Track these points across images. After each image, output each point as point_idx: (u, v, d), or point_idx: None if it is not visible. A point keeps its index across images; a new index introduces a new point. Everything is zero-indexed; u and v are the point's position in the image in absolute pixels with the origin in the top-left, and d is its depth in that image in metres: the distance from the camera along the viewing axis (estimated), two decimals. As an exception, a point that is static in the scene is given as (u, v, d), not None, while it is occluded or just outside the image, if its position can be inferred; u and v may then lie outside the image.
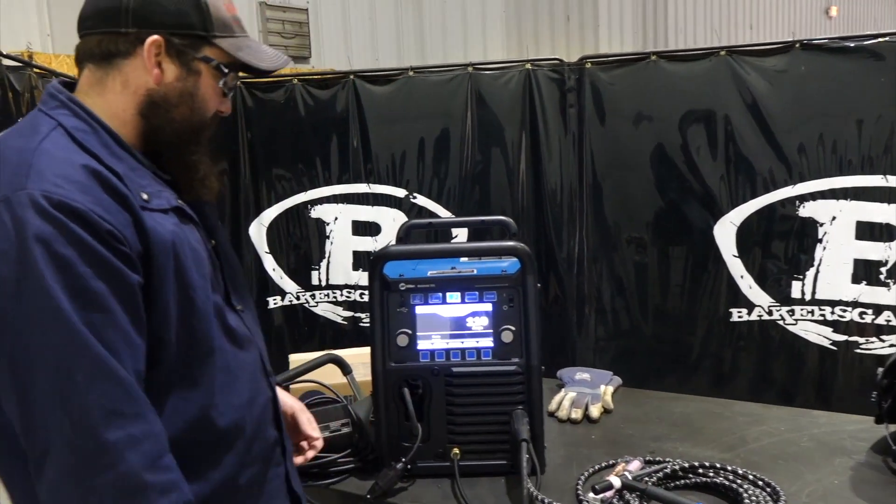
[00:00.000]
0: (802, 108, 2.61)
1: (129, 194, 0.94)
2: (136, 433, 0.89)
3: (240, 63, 1.06)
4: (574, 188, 2.96)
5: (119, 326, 0.90)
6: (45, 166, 0.90)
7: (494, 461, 1.44)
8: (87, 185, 0.91)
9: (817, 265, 2.66)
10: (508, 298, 1.44)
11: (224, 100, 1.09)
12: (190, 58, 1.03)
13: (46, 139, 0.95)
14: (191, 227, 1.04)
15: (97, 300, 0.88)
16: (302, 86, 3.14)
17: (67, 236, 0.87)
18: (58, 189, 0.88)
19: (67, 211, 0.87)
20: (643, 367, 2.83)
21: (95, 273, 0.88)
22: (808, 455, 1.47)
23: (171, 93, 1.02)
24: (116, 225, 0.91)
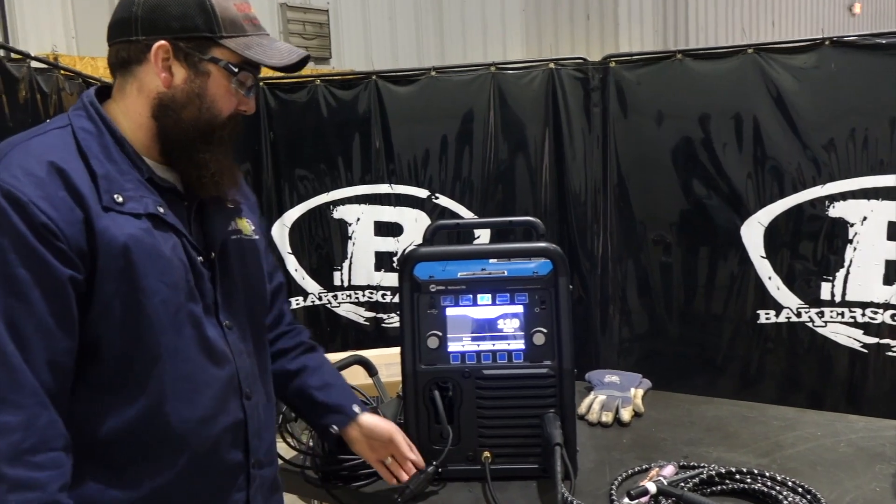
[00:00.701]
0: (832, 106, 2.57)
1: (88, 195, 0.97)
2: (9, 421, 0.89)
3: (250, 61, 1.06)
4: (598, 188, 2.94)
5: (35, 316, 0.92)
6: (15, 159, 0.96)
7: (526, 465, 1.42)
8: (45, 180, 0.95)
9: (847, 266, 2.62)
10: (540, 300, 1.42)
11: (244, 99, 1.09)
12: (197, 60, 1.04)
13: (41, 136, 1.01)
14: (168, 234, 1.04)
15: (18, 287, 0.91)
16: (324, 86, 3.15)
17: (4, 224, 0.91)
18: (12, 180, 0.93)
19: (12, 200, 0.92)
20: (668, 369, 2.80)
21: (22, 262, 0.91)
22: (847, 461, 1.44)
23: (179, 95, 1.05)
24: (58, 220, 0.94)
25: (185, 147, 1.06)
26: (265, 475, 1.17)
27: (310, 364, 1.34)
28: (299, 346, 1.35)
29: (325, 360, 1.39)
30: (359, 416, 1.32)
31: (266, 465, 1.18)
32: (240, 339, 1.13)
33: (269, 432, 1.20)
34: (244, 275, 1.17)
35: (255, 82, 1.10)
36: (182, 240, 1.06)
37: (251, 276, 1.19)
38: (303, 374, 1.33)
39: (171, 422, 1.02)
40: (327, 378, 1.35)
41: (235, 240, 1.16)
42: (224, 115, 1.08)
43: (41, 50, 4.05)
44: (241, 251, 1.17)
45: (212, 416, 1.07)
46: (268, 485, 1.19)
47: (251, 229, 1.21)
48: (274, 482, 1.22)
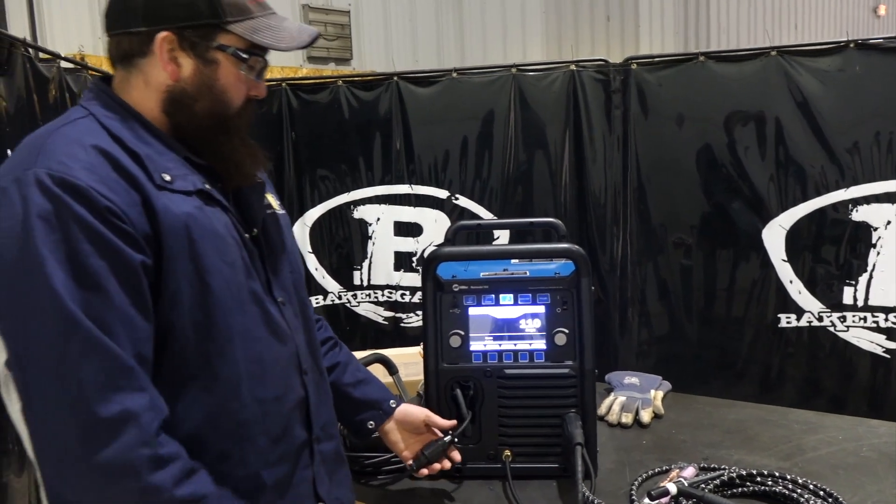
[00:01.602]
0: (856, 110, 2.56)
1: (140, 175, 0.94)
2: (137, 404, 0.88)
3: (259, 46, 1.03)
4: (618, 190, 2.94)
5: (115, 306, 0.88)
6: (55, 147, 0.91)
7: (546, 464, 1.43)
8: (94, 163, 0.91)
9: (870, 271, 2.60)
10: (562, 301, 1.43)
11: (255, 83, 1.06)
12: (204, 48, 1.00)
13: (69, 125, 0.97)
14: (218, 211, 1.02)
15: (94, 278, 0.87)
16: (346, 87, 3.17)
17: (67, 212, 0.86)
18: (60, 167, 0.88)
19: (68, 187, 0.87)
20: (687, 372, 2.79)
21: (95, 250, 0.87)
22: (869, 465, 1.44)
23: (190, 87, 1.01)
24: (119, 203, 0.90)
25: (204, 140, 1.03)
26: (325, 450, 1.15)
27: (341, 360, 1.34)
28: (328, 342, 1.35)
29: (351, 355, 1.40)
30: (395, 410, 1.33)
31: (324, 439, 1.16)
32: (293, 314, 1.12)
33: (327, 406, 1.19)
34: (282, 249, 1.14)
35: (265, 65, 1.07)
36: (230, 217, 1.04)
37: (288, 249, 1.17)
38: (335, 371, 1.32)
39: (247, 404, 1.00)
40: (359, 374, 1.35)
41: (270, 214, 1.15)
42: (237, 103, 1.04)
43: (68, 50, 4.11)
44: (277, 226, 1.16)
45: (283, 395, 1.06)
46: (331, 459, 1.17)
47: (277, 204, 1.20)
48: (338, 456, 1.20)
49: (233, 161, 1.05)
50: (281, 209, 1.21)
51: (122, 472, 0.87)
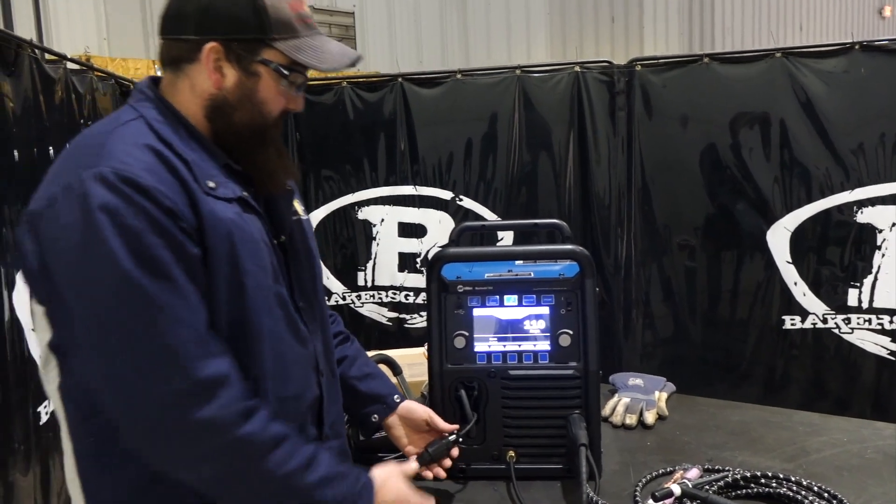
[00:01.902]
0: (862, 111, 2.55)
1: (189, 179, 0.98)
2: (223, 368, 0.96)
3: (300, 63, 1.06)
4: (622, 191, 2.94)
5: (183, 295, 0.94)
6: (116, 148, 0.96)
7: (550, 465, 1.43)
8: (152, 165, 0.96)
9: (875, 272, 2.60)
10: (566, 302, 1.43)
11: (293, 97, 1.10)
12: (248, 61, 1.04)
13: (124, 126, 1.01)
14: (254, 217, 1.06)
15: (163, 268, 0.92)
16: (351, 88, 3.18)
17: (135, 208, 0.91)
18: (125, 166, 0.93)
19: (134, 186, 0.92)
20: (691, 373, 2.79)
21: (162, 243, 0.93)
22: (874, 467, 1.43)
23: (231, 97, 1.05)
24: (178, 203, 0.95)
25: (241, 149, 1.08)
26: (333, 447, 1.20)
27: (349, 354, 1.37)
28: (339, 336, 1.38)
29: (361, 350, 1.42)
30: (399, 406, 1.35)
31: (333, 437, 1.20)
32: (312, 318, 1.16)
33: (337, 405, 1.23)
34: (306, 254, 1.19)
35: (304, 81, 1.11)
36: (263, 223, 1.08)
37: (311, 255, 1.21)
38: (343, 364, 1.34)
39: (270, 402, 1.04)
40: (366, 368, 1.38)
41: (296, 220, 1.19)
42: (274, 115, 1.08)
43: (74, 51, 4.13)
44: (302, 232, 1.20)
45: (301, 394, 1.11)
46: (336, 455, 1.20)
47: (302, 209, 1.24)
48: (343, 453, 1.25)
49: (267, 170, 1.10)
50: (305, 215, 1.25)
51: (221, 428, 0.95)
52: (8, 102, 1.84)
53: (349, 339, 1.41)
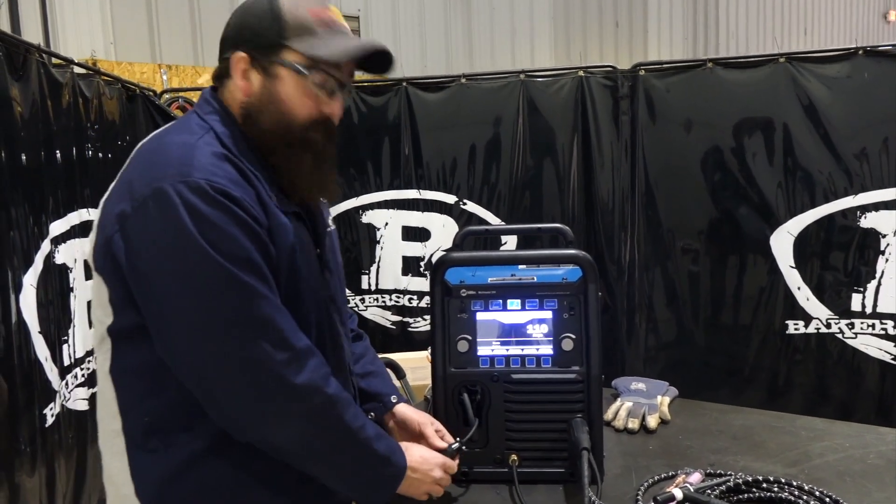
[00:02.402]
0: (865, 116, 2.56)
1: (262, 190, 1.07)
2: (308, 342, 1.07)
3: (323, 61, 1.08)
4: (626, 196, 2.95)
5: (272, 287, 1.04)
6: (205, 161, 1.03)
7: (553, 469, 1.43)
8: (237, 180, 1.04)
9: (879, 277, 2.60)
10: (569, 306, 1.44)
11: (328, 101, 1.12)
12: (269, 64, 1.09)
13: (202, 139, 1.08)
14: (304, 230, 1.15)
15: (256, 266, 1.02)
16: (355, 92, 3.19)
17: (233, 217, 1.00)
18: (216, 178, 1.01)
19: (227, 196, 1.01)
20: (695, 378, 2.79)
21: (255, 247, 1.02)
22: (876, 473, 1.43)
23: (257, 101, 1.10)
24: (259, 213, 1.05)
25: (272, 153, 1.11)
26: None
27: (356, 351, 1.42)
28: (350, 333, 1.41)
29: (369, 348, 1.49)
30: (395, 405, 1.39)
31: None
32: (341, 324, 1.25)
33: None
34: (335, 265, 1.27)
35: (338, 86, 1.12)
36: (311, 236, 1.17)
37: (339, 265, 1.29)
38: None
39: None
40: (370, 367, 1.43)
41: (329, 232, 1.25)
42: (301, 117, 1.10)
43: (80, 55, 4.16)
44: (331, 243, 1.27)
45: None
46: None
47: (330, 220, 1.31)
48: None
49: (296, 176, 1.13)
50: (332, 225, 1.31)
51: (316, 390, 1.07)
52: (16, 106, 1.86)
53: (361, 338, 1.48)
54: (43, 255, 1.94)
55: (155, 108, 2.95)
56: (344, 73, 1.12)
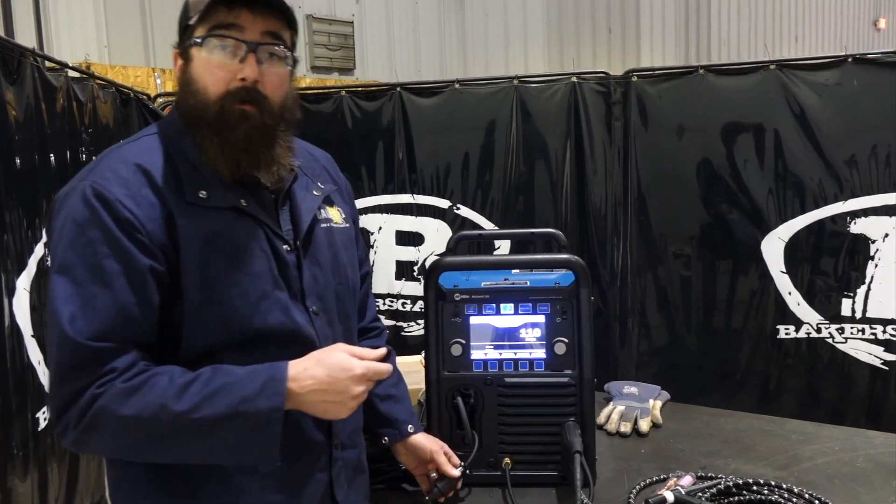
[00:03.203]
0: (854, 123, 2.58)
1: (170, 193, 1.04)
2: (71, 391, 0.99)
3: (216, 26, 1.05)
4: (618, 201, 2.96)
5: (118, 302, 1.00)
6: (105, 163, 1.05)
7: (545, 472, 1.45)
8: (130, 180, 1.03)
9: (869, 283, 2.62)
10: (562, 311, 1.45)
11: (237, 66, 1.05)
12: (183, 51, 1.10)
13: (133, 142, 1.10)
14: (251, 225, 1.09)
15: (105, 277, 1.00)
16: (349, 97, 3.21)
17: (97, 220, 1.00)
18: (101, 180, 1.02)
19: (100, 198, 1.01)
20: (687, 382, 2.81)
21: (111, 253, 1.00)
22: (865, 476, 1.45)
23: (180, 89, 1.11)
24: (139, 216, 1.01)
25: (195, 135, 1.08)
26: (348, 457, 1.21)
27: None
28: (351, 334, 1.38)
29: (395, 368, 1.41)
30: (411, 436, 1.37)
31: (349, 447, 1.21)
32: (326, 324, 1.16)
33: (356, 415, 1.21)
34: (333, 262, 1.20)
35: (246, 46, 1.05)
36: (264, 230, 1.10)
37: (340, 263, 1.21)
38: None
39: None
40: (392, 390, 1.39)
41: (325, 228, 1.20)
42: (214, 90, 1.05)
43: (74, 58, 4.16)
44: (330, 239, 1.20)
45: None
46: (352, 466, 1.22)
47: (342, 217, 1.25)
48: (359, 464, 1.26)
49: (229, 154, 1.07)
50: (346, 222, 1.27)
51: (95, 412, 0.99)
52: (10, 110, 1.86)
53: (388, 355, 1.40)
54: (36, 258, 1.94)
55: (149, 112, 2.96)
56: (248, 30, 1.05)
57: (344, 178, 1.38)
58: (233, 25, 1.05)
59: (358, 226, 1.38)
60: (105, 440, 1.01)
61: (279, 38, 1.09)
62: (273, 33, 1.08)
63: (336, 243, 1.22)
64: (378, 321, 1.46)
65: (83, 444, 1.02)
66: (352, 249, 1.28)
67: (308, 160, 1.30)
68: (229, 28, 1.05)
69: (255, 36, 1.06)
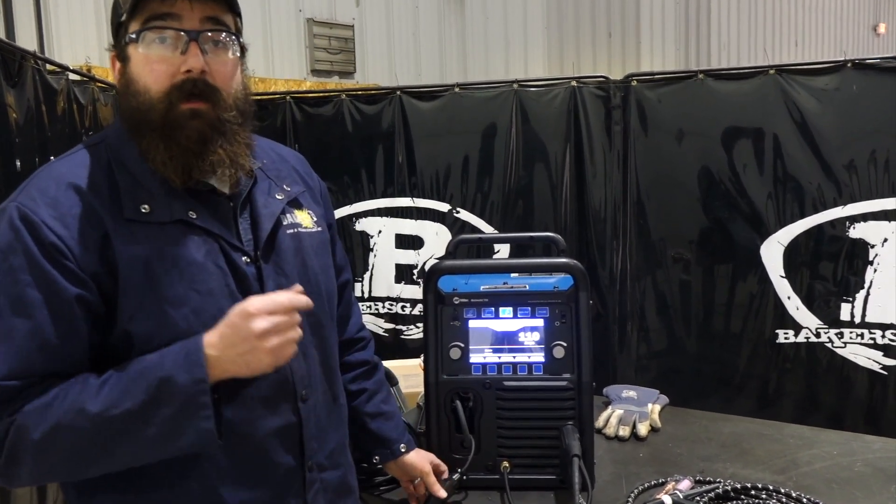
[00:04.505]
0: (853, 128, 2.59)
1: (105, 212, 0.96)
2: None
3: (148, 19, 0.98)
4: (618, 205, 2.97)
5: (40, 335, 0.92)
6: (34, 182, 0.98)
7: (544, 475, 1.45)
8: (60, 201, 0.95)
9: (868, 287, 2.62)
10: (561, 314, 1.45)
11: (183, 58, 0.97)
12: (120, 51, 1.02)
13: (65, 158, 1.03)
14: (202, 239, 1.01)
15: (27, 308, 0.92)
16: (349, 101, 3.21)
17: (20, 246, 0.93)
18: (28, 202, 0.95)
19: (27, 222, 0.94)
20: (686, 386, 2.81)
21: (33, 282, 0.92)
22: (863, 480, 1.45)
23: (121, 90, 1.02)
24: (67, 239, 0.93)
25: (140, 140, 1.00)
26: (328, 479, 1.13)
27: (368, 388, 1.35)
28: (363, 366, 1.36)
29: (383, 382, 1.40)
30: (403, 455, 1.35)
31: (329, 468, 1.13)
32: (312, 334, 1.10)
33: (336, 434, 1.16)
34: (302, 270, 1.11)
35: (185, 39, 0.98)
36: (219, 242, 1.02)
37: (310, 271, 1.13)
38: (360, 397, 1.33)
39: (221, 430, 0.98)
40: (383, 406, 1.36)
41: (292, 234, 1.11)
42: (156, 87, 0.98)
43: (75, 61, 4.16)
44: (298, 245, 1.11)
45: (254, 418, 1.03)
46: (332, 489, 1.14)
47: (312, 221, 1.16)
48: (342, 486, 1.17)
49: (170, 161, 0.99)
50: (317, 226, 1.17)
51: None
52: (11, 113, 1.86)
53: (374, 371, 1.36)
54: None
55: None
56: (186, 19, 0.98)
57: (319, 179, 1.28)
58: (168, 15, 0.97)
59: (335, 230, 1.29)
60: (31, 465, 0.93)
61: (221, 23, 1.01)
62: (214, 18, 1.00)
63: (305, 249, 1.13)
64: (364, 331, 1.40)
65: (11, 476, 0.94)
66: (325, 255, 1.19)
67: (275, 161, 1.19)
68: (165, 18, 0.97)
69: (195, 24, 0.98)
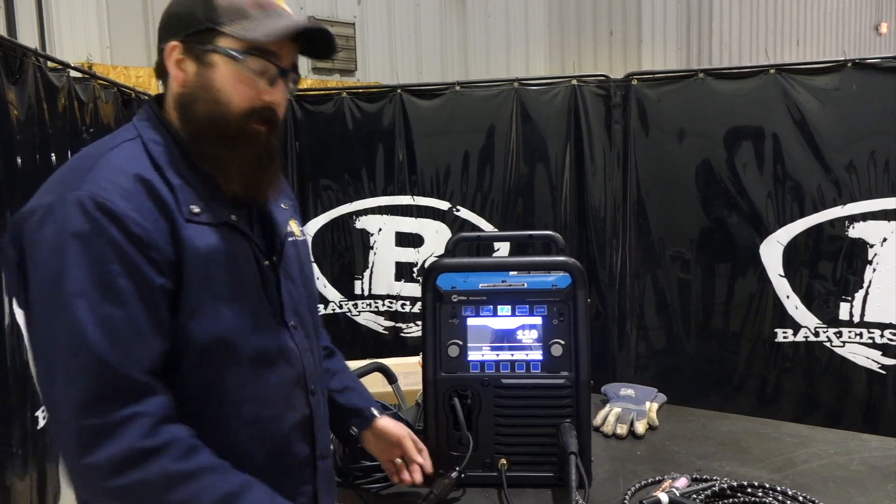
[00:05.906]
0: (853, 128, 2.59)
1: (172, 205, 0.99)
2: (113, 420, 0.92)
3: (261, 48, 1.02)
4: (618, 204, 2.97)
5: (133, 322, 0.94)
6: (101, 172, 0.97)
7: (541, 473, 1.45)
8: (132, 191, 0.97)
9: (867, 287, 2.63)
10: (559, 312, 1.46)
11: (266, 89, 1.04)
12: (202, 52, 1.03)
13: (117, 148, 1.02)
14: (241, 241, 1.06)
15: (120, 296, 0.94)
16: (350, 99, 3.22)
17: (103, 234, 0.93)
18: (103, 192, 0.95)
19: (107, 212, 0.94)
20: (685, 385, 2.82)
21: (123, 271, 0.94)
22: (859, 479, 1.46)
23: (192, 91, 1.04)
24: (150, 230, 0.96)
25: (205, 143, 1.04)
26: (325, 467, 1.20)
27: (331, 367, 1.38)
28: (324, 350, 1.37)
29: (344, 364, 1.43)
30: (377, 418, 1.37)
31: (326, 456, 1.21)
32: (304, 337, 1.16)
33: (327, 425, 1.23)
34: (302, 276, 1.19)
35: (279, 72, 1.05)
36: (252, 246, 1.08)
37: (307, 276, 1.21)
38: (325, 377, 1.35)
39: (249, 422, 1.05)
40: (347, 381, 1.39)
41: (292, 241, 1.18)
42: (238, 105, 1.03)
43: (76, 58, 4.17)
44: (297, 252, 1.20)
45: (282, 414, 1.10)
46: (329, 476, 1.22)
47: (300, 230, 1.24)
48: (331, 472, 1.25)
49: (232, 169, 1.05)
50: (303, 236, 1.25)
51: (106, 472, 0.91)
52: (12, 110, 1.87)
53: (333, 355, 1.41)
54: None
55: (150, 113, 2.97)
56: (284, 58, 1.05)
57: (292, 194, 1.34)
58: (274, 54, 1.04)
59: None
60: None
61: (296, 65, 1.11)
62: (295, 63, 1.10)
63: (301, 256, 1.21)
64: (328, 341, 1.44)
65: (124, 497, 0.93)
66: (311, 262, 1.27)
67: None
68: (271, 56, 1.04)
69: (288, 63, 1.07)
